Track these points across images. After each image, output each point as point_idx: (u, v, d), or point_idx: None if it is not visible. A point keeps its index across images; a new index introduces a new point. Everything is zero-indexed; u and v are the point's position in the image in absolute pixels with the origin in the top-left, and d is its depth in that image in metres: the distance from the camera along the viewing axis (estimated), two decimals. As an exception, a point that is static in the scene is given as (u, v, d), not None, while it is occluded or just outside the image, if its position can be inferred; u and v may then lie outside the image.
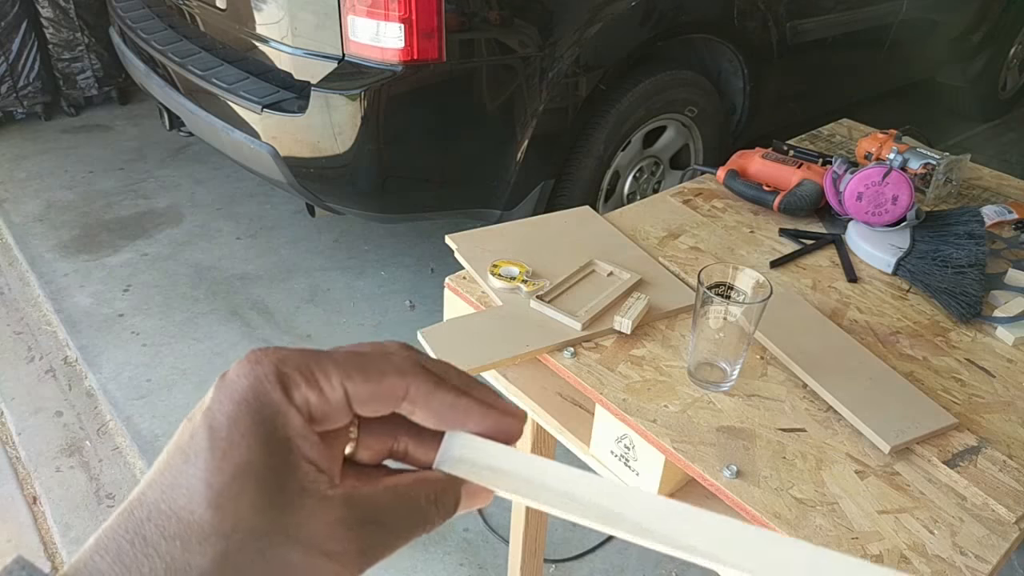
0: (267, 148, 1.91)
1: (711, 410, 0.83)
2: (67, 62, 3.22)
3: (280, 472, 0.27)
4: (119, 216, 2.72)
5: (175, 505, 0.26)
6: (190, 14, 2.18)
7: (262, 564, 0.26)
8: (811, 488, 0.75)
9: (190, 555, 0.25)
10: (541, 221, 1.14)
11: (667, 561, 1.61)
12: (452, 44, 1.76)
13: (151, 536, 0.25)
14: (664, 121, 2.30)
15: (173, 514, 0.26)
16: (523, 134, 1.96)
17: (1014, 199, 1.30)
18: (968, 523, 0.72)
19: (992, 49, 3.51)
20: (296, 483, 0.27)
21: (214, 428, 0.26)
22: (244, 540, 0.26)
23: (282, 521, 0.26)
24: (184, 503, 0.26)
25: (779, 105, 2.70)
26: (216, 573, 0.25)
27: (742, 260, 1.10)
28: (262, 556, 0.26)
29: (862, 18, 2.76)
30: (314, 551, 0.26)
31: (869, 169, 1.12)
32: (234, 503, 0.26)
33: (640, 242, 1.12)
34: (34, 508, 1.72)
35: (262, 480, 0.26)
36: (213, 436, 0.26)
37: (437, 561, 1.59)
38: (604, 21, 1.97)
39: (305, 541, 0.26)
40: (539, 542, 1.31)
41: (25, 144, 3.14)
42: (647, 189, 2.37)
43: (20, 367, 2.10)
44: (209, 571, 0.25)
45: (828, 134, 1.52)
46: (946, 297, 1.01)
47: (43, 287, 2.37)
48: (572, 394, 0.96)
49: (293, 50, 1.86)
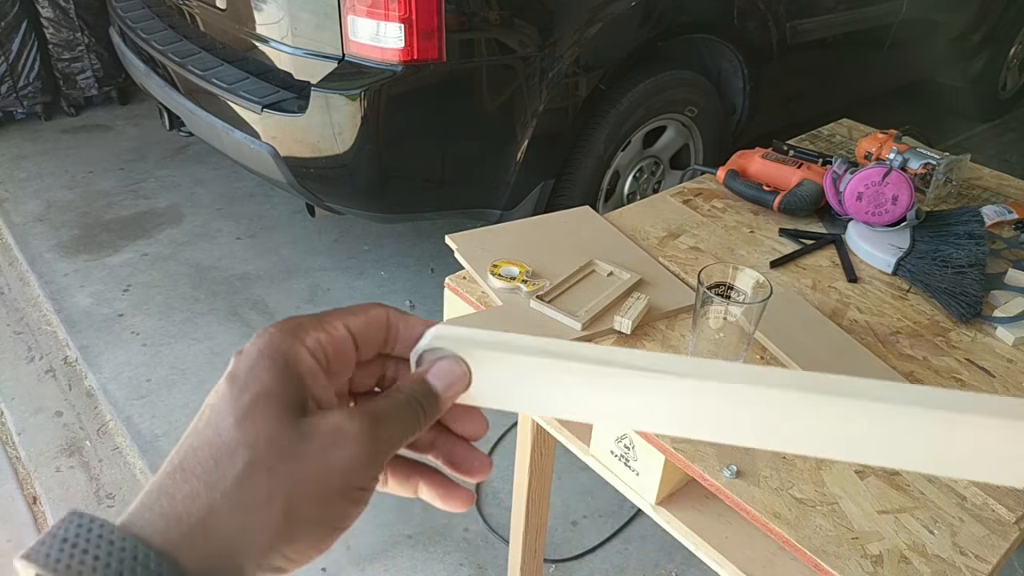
0: (267, 148, 1.91)
1: (711, 410, 0.83)
2: (67, 62, 3.21)
3: (294, 396, 0.31)
4: (119, 216, 2.72)
5: (205, 439, 0.30)
6: (190, 14, 2.18)
7: (286, 462, 0.30)
8: (811, 488, 0.75)
9: (223, 468, 0.29)
10: (541, 221, 1.14)
11: (667, 561, 1.61)
12: (452, 44, 1.76)
13: (189, 465, 0.30)
14: (664, 121, 2.29)
15: (204, 445, 0.30)
16: (523, 134, 1.96)
17: (1014, 199, 1.30)
18: (968, 523, 0.73)
19: (992, 49, 3.51)
20: (308, 402, 0.32)
21: (235, 376, 0.31)
22: (268, 445, 0.30)
23: (299, 428, 0.31)
24: (212, 433, 0.30)
25: (779, 105, 2.70)
26: (247, 476, 0.29)
27: (742, 260, 1.10)
28: (284, 455, 0.30)
29: (862, 18, 2.76)
30: (329, 440, 0.31)
31: (869, 169, 1.12)
32: (255, 420, 0.30)
33: (640, 242, 1.12)
34: (34, 508, 1.72)
35: (278, 400, 0.31)
36: (233, 381, 0.31)
37: (437, 561, 1.59)
38: (604, 21, 1.97)
39: (320, 435, 0.31)
40: (539, 542, 1.31)
41: (25, 144, 3.14)
42: (647, 189, 2.37)
43: (20, 367, 2.10)
44: (242, 475, 0.29)
45: (828, 134, 1.52)
46: (946, 297, 1.01)
47: (43, 287, 2.37)
48: (572, 394, 0.96)
49: (293, 50, 1.86)
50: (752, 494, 0.74)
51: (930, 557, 0.69)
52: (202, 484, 0.29)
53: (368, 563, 1.58)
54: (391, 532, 1.65)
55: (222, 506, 0.29)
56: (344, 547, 1.61)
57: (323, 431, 0.31)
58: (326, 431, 0.31)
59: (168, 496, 0.29)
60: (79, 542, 0.27)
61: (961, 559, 0.69)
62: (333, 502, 0.31)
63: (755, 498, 0.74)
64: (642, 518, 1.69)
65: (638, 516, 1.69)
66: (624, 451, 0.86)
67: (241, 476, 0.29)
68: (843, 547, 0.69)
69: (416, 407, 0.34)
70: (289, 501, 0.30)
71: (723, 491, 0.75)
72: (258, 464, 0.30)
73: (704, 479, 0.77)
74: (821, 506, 0.73)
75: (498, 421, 1.92)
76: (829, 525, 0.71)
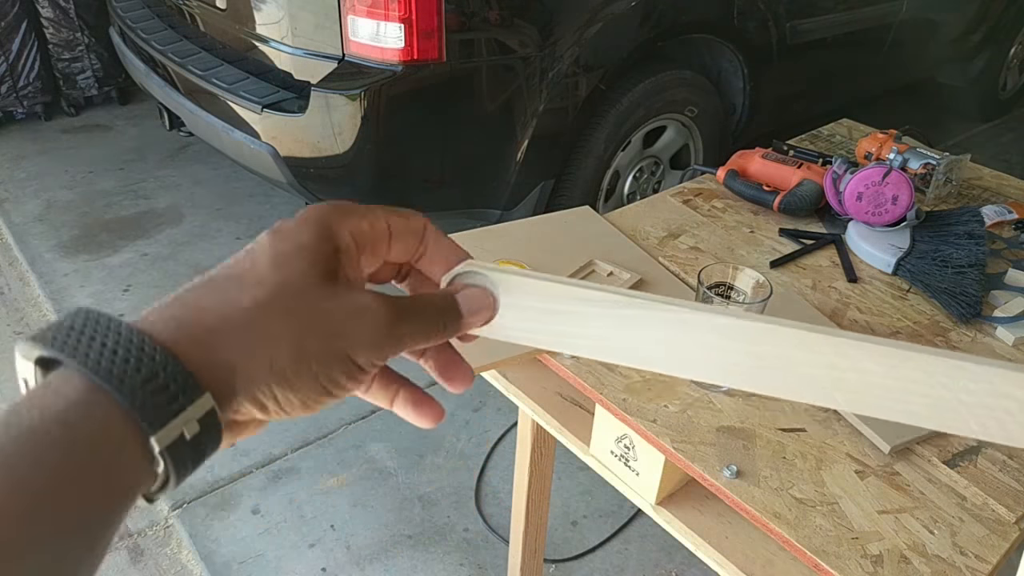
0: (267, 148, 1.91)
1: (711, 410, 0.83)
2: (67, 62, 3.21)
3: (329, 261, 0.33)
4: (119, 216, 2.72)
5: (238, 268, 0.32)
6: (190, 14, 2.18)
7: (306, 311, 0.31)
8: (811, 488, 0.75)
9: (247, 292, 0.31)
10: (541, 221, 1.14)
11: (667, 561, 1.61)
12: (452, 44, 1.76)
13: (214, 283, 0.31)
14: (664, 121, 2.30)
15: (236, 272, 0.32)
16: (523, 134, 1.96)
17: (1014, 199, 1.30)
18: (968, 523, 0.73)
19: (992, 49, 3.51)
20: (339, 273, 0.33)
21: (278, 230, 0.33)
22: (295, 291, 0.31)
23: (327, 288, 0.32)
24: (247, 265, 0.32)
25: (779, 105, 2.70)
26: (267, 306, 0.31)
27: (742, 260, 1.10)
28: (307, 304, 0.31)
29: (862, 18, 2.76)
30: (353, 310, 0.32)
31: (869, 169, 1.12)
32: (290, 265, 0.32)
33: (640, 242, 1.12)
34: (34, 508, 1.72)
35: (315, 259, 0.32)
36: (276, 233, 0.33)
37: (437, 561, 1.59)
38: (604, 21, 1.97)
39: (346, 303, 0.32)
40: (539, 542, 1.31)
41: (25, 144, 3.14)
42: (647, 189, 2.37)
43: (20, 367, 2.10)
44: (263, 303, 0.31)
45: (828, 134, 1.52)
46: (946, 297, 1.01)
47: (43, 287, 2.37)
48: (572, 394, 0.96)
49: (293, 50, 1.86)
50: (752, 494, 0.74)
51: (930, 557, 0.69)
52: (221, 299, 0.31)
53: (368, 563, 1.58)
54: (391, 532, 1.65)
55: (234, 324, 0.30)
56: (344, 547, 1.61)
57: (349, 301, 0.32)
58: (352, 302, 0.33)
59: (183, 304, 0.30)
60: (86, 330, 0.28)
61: (961, 559, 0.69)
62: (332, 365, 0.32)
63: (755, 498, 0.74)
64: (642, 518, 1.69)
65: (638, 516, 1.69)
66: (624, 451, 0.86)
67: (262, 304, 0.31)
68: (843, 547, 0.69)
69: (439, 319, 0.36)
70: (296, 345, 0.31)
71: (723, 491, 0.75)
72: (281, 301, 0.31)
73: (704, 479, 0.77)
74: (821, 506, 0.73)
75: (498, 421, 1.92)
76: (829, 525, 0.71)
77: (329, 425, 1.90)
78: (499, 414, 1.94)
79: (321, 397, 0.32)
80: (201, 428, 0.29)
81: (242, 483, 1.74)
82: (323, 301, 0.32)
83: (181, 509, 1.68)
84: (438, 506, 1.71)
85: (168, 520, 1.67)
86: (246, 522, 1.66)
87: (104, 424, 0.27)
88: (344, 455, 1.82)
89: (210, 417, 0.29)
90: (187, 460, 0.29)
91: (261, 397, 0.31)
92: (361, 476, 1.77)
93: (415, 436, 1.88)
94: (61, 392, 0.27)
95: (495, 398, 1.97)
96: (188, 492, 1.72)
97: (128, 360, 0.28)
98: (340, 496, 1.72)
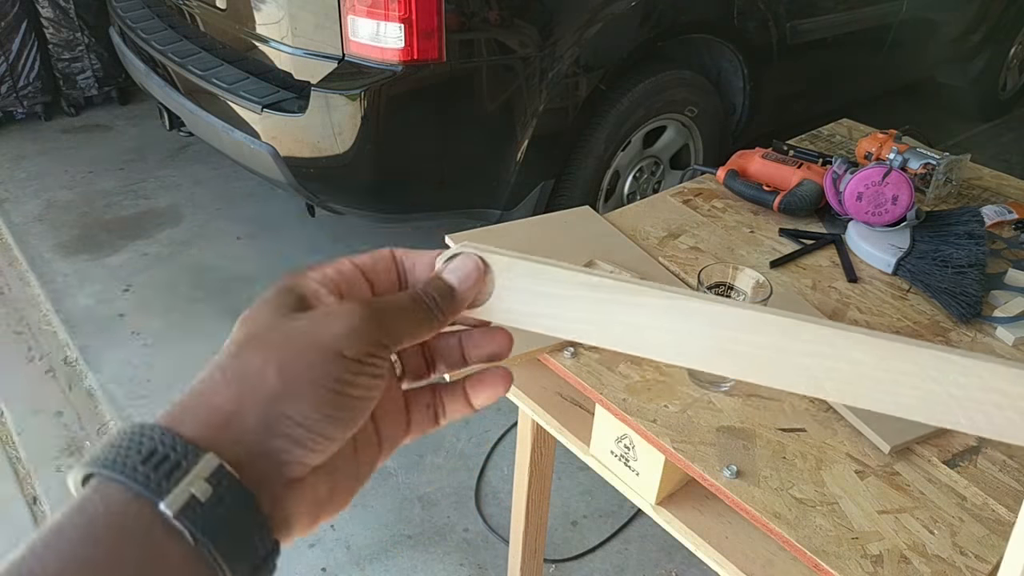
0: (267, 148, 1.91)
1: (711, 410, 0.83)
2: (67, 62, 3.21)
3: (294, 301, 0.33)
4: (119, 216, 2.72)
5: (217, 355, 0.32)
6: (190, 14, 2.18)
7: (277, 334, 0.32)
8: (811, 488, 0.75)
9: (221, 358, 0.32)
10: (541, 221, 1.14)
11: (667, 561, 1.61)
12: (452, 44, 1.76)
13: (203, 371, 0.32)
14: (664, 121, 2.29)
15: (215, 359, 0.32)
16: (523, 134, 1.96)
17: (1014, 199, 1.30)
18: (968, 523, 0.73)
19: (992, 49, 3.51)
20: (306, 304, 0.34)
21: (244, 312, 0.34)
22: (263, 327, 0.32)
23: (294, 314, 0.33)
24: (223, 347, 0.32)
25: (779, 105, 2.69)
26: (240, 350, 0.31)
27: (742, 260, 1.10)
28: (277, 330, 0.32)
29: (862, 18, 2.76)
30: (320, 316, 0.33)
31: (869, 169, 1.12)
32: (255, 317, 0.33)
33: (640, 242, 1.12)
34: (34, 508, 1.72)
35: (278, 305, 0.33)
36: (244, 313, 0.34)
37: (437, 561, 1.59)
38: (604, 21, 1.97)
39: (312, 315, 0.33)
40: (539, 542, 1.31)
41: (25, 144, 3.14)
42: (647, 189, 2.37)
43: (20, 367, 2.10)
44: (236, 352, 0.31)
45: (828, 134, 1.52)
46: (946, 297, 1.01)
47: (43, 287, 2.37)
48: (572, 394, 0.96)
49: (293, 50, 1.86)
50: (752, 494, 0.74)
51: (930, 557, 0.69)
52: (206, 371, 0.32)
53: (368, 563, 1.58)
54: (391, 532, 1.65)
55: (219, 380, 0.31)
56: (344, 547, 1.61)
57: (318, 312, 0.33)
58: (318, 312, 0.33)
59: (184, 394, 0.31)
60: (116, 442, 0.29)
61: (961, 559, 0.69)
62: (327, 366, 0.31)
63: (755, 498, 0.74)
64: (642, 518, 1.69)
65: (638, 516, 1.69)
66: (624, 451, 0.86)
67: (235, 353, 0.32)
68: (843, 547, 0.69)
69: (425, 302, 0.35)
70: (280, 365, 0.31)
71: (723, 491, 0.75)
72: (251, 341, 0.32)
73: (704, 479, 0.77)
74: (821, 506, 0.73)
75: (498, 421, 1.92)
76: (829, 525, 0.71)
77: (329, 425, 1.89)
78: (499, 414, 1.94)
79: (341, 403, 0.31)
80: (214, 488, 0.28)
81: (242, 483, 1.74)
82: (292, 321, 0.32)
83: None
84: (438, 506, 1.71)
85: (168, 520, 1.67)
86: (246, 522, 1.66)
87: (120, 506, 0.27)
88: (344, 455, 1.82)
89: (220, 475, 0.29)
90: (220, 525, 0.28)
91: (285, 429, 0.30)
92: (361, 476, 1.77)
93: (415, 436, 1.88)
94: (80, 494, 0.28)
95: (495, 398, 1.97)
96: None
97: (130, 447, 0.28)
98: (340, 496, 1.72)
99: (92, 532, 0.26)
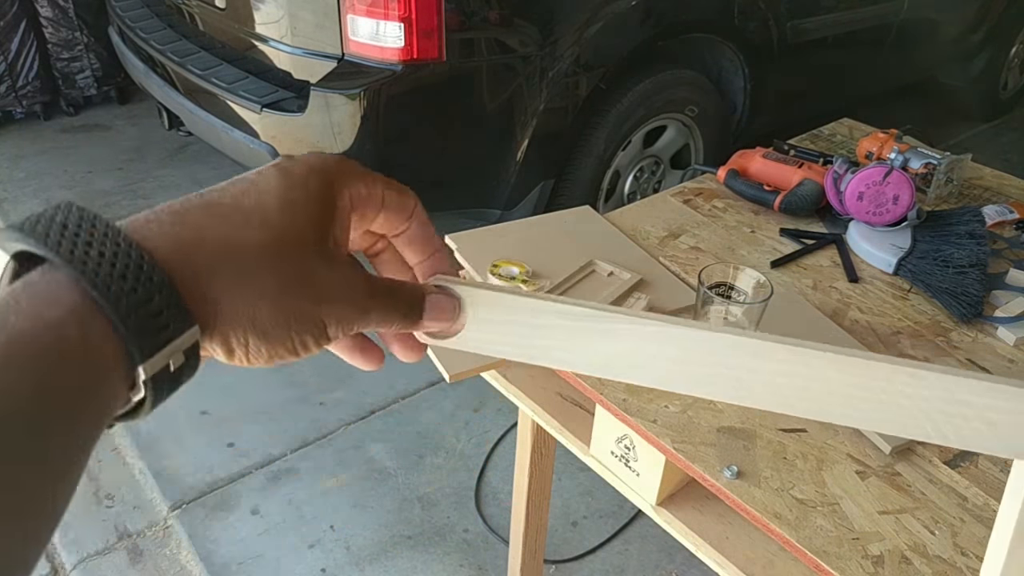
0: (266, 148, 1.91)
1: (712, 410, 0.83)
2: (66, 62, 3.21)
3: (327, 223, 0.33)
4: (118, 216, 2.70)
5: (246, 202, 0.31)
6: (189, 13, 2.18)
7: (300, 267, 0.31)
8: (812, 488, 0.75)
9: (249, 231, 0.30)
10: (541, 221, 1.14)
11: (667, 562, 1.61)
12: (452, 43, 1.76)
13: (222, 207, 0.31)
14: (664, 121, 2.29)
15: (243, 208, 0.31)
16: (523, 134, 1.95)
17: (1015, 199, 1.30)
18: (969, 523, 0.72)
19: (993, 49, 3.51)
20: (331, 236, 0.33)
21: (288, 171, 0.32)
22: (294, 244, 0.31)
23: (321, 251, 0.32)
24: (254, 202, 0.31)
25: (780, 104, 2.69)
26: (267, 255, 0.30)
27: (743, 260, 1.10)
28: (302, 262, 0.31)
29: (863, 17, 2.75)
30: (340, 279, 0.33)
31: (870, 169, 1.11)
32: (295, 216, 0.31)
33: (640, 242, 1.11)
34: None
35: (317, 216, 0.32)
36: (286, 175, 0.32)
37: (437, 561, 1.59)
38: (604, 20, 1.96)
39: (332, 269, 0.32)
40: (539, 543, 1.31)
41: (24, 144, 3.14)
42: (647, 189, 2.37)
43: (19, 367, 2.09)
44: (265, 249, 0.30)
45: (829, 134, 1.52)
46: (947, 297, 1.00)
47: (42, 287, 2.36)
48: (572, 394, 0.96)
49: (292, 49, 1.85)
50: (753, 495, 0.74)
51: (931, 558, 0.69)
52: (226, 233, 0.30)
53: (368, 563, 1.58)
54: (391, 532, 1.65)
55: (233, 264, 0.30)
56: (344, 548, 1.61)
57: (338, 270, 0.33)
58: (340, 272, 0.33)
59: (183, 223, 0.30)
60: (81, 232, 0.27)
61: (962, 559, 0.69)
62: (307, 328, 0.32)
63: (756, 499, 0.73)
64: (642, 518, 1.68)
65: (638, 516, 1.69)
66: (624, 451, 0.86)
67: (264, 251, 0.30)
68: (844, 548, 0.69)
69: (404, 308, 0.36)
70: (283, 303, 0.31)
71: (724, 491, 0.75)
72: (281, 254, 0.31)
73: (704, 479, 0.76)
74: (822, 507, 0.73)
75: (498, 421, 1.92)
76: (830, 526, 0.71)
77: (329, 425, 1.89)
78: (499, 414, 1.94)
79: (287, 354, 0.32)
80: (187, 359, 0.28)
81: (241, 484, 1.74)
82: (317, 265, 0.32)
83: (180, 510, 1.68)
84: (438, 506, 1.71)
85: (167, 521, 1.66)
86: (245, 523, 1.66)
87: (99, 343, 0.26)
88: (344, 455, 1.82)
89: (194, 350, 0.29)
90: (165, 391, 0.28)
91: (233, 342, 0.30)
92: (361, 476, 1.77)
93: (415, 436, 1.88)
94: (54, 299, 0.25)
95: (495, 398, 1.97)
96: (187, 493, 1.71)
97: (125, 276, 0.26)
98: (340, 497, 1.72)
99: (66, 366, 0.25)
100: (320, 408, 1.94)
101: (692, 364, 0.36)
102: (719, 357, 0.35)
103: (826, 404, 0.34)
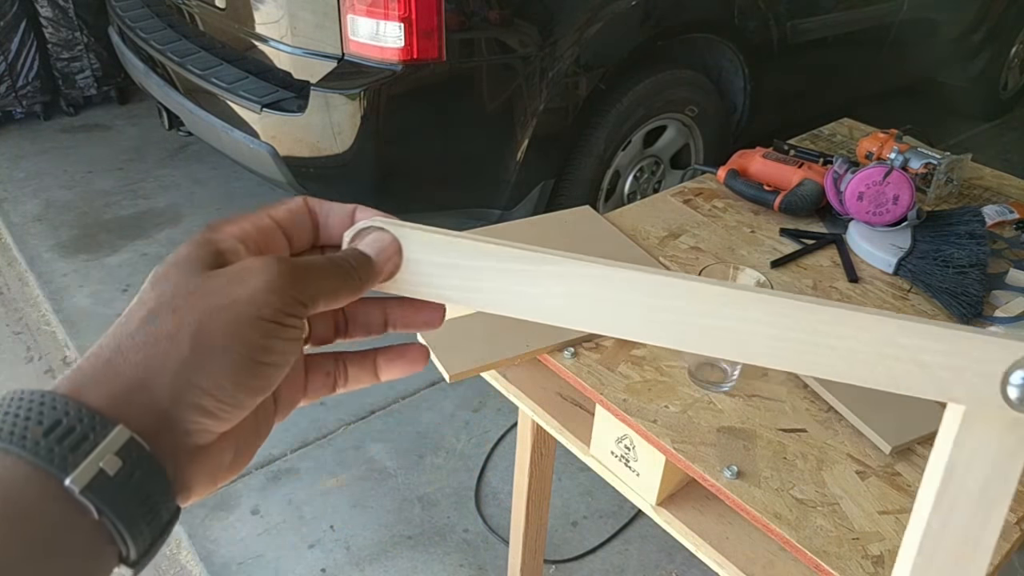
0: (266, 148, 1.91)
1: (712, 410, 0.83)
2: (66, 62, 3.21)
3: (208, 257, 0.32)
4: (118, 216, 2.72)
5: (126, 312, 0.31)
6: (189, 13, 2.18)
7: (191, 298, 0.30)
8: (812, 488, 0.75)
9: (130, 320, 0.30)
10: (541, 221, 1.14)
11: (667, 562, 1.61)
12: (452, 43, 1.76)
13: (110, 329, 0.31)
14: (664, 121, 2.29)
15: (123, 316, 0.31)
16: (523, 134, 1.95)
17: (1015, 199, 1.30)
18: (970, 524, 0.72)
19: (993, 48, 3.50)
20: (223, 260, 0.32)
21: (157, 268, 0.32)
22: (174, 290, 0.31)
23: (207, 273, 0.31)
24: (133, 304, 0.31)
25: (780, 104, 2.69)
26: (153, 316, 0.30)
27: (743, 260, 1.10)
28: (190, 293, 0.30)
29: (863, 17, 2.75)
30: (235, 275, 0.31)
31: (870, 169, 1.11)
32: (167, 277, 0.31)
33: (640, 242, 1.11)
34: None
35: (191, 260, 0.32)
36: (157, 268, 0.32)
37: (437, 561, 1.59)
38: (604, 21, 1.96)
39: (227, 273, 0.31)
40: (539, 543, 1.31)
41: (24, 144, 3.14)
42: (647, 189, 2.37)
43: (19, 367, 2.09)
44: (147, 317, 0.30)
45: (829, 134, 1.52)
46: (947, 297, 1.00)
47: (42, 287, 2.36)
48: (572, 394, 0.96)
49: (292, 49, 1.85)
50: (753, 495, 0.74)
51: (932, 558, 0.69)
52: (112, 335, 0.30)
53: (368, 563, 1.58)
54: (391, 532, 1.65)
55: (127, 346, 0.29)
56: (344, 548, 1.61)
57: (231, 271, 0.31)
58: (233, 270, 0.31)
59: (83, 359, 0.30)
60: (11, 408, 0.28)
61: (963, 560, 0.69)
62: (243, 330, 0.30)
63: (756, 499, 0.73)
64: (642, 518, 1.68)
65: (638, 516, 1.69)
66: (624, 451, 0.86)
67: (146, 318, 0.30)
68: (844, 548, 0.69)
69: (344, 265, 0.34)
70: (195, 329, 0.29)
71: (724, 492, 0.75)
72: (164, 305, 0.30)
73: (704, 479, 0.76)
74: (822, 507, 0.73)
75: (498, 421, 1.92)
76: (830, 526, 0.71)
77: (328, 426, 1.90)
78: (499, 414, 1.94)
79: (253, 368, 0.30)
80: (124, 461, 0.27)
81: (241, 483, 1.74)
82: (206, 282, 0.31)
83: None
84: (438, 507, 1.71)
85: (167, 520, 1.66)
86: (245, 523, 1.66)
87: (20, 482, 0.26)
88: (343, 456, 1.82)
89: (131, 448, 0.28)
90: (127, 500, 0.27)
91: (194, 399, 0.29)
92: (361, 476, 1.77)
93: (415, 436, 1.88)
94: None
95: (495, 398, 1.97)
96: (187, 492, 1.71)
97: (29, 417, 0.27)
98: (340, 497, 1.72)
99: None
100: (320, 408, 1.94)
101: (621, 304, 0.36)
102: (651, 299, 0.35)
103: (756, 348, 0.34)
